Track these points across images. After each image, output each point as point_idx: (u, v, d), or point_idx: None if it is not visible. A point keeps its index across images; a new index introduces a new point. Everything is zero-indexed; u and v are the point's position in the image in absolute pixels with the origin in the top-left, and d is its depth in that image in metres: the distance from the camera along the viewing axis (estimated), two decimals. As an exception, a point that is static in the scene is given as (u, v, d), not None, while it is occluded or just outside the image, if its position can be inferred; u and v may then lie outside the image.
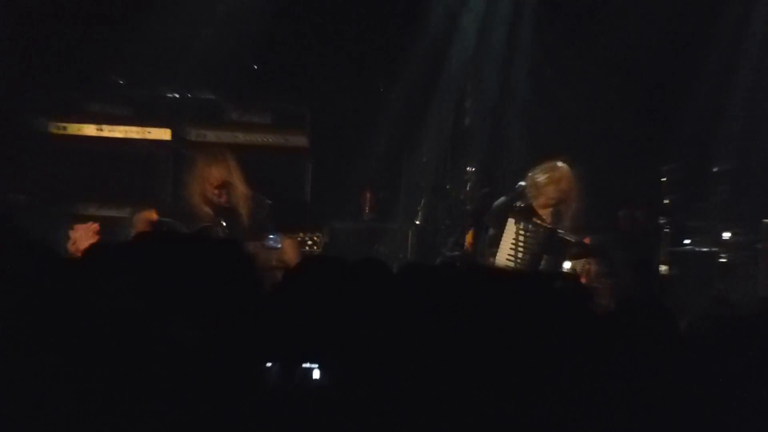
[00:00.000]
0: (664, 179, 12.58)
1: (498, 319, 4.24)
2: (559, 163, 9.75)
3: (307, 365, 4.10)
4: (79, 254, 8.09)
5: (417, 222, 13.05)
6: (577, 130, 12.00)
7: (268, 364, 4.12)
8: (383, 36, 13.48)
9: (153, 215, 9.99)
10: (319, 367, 4.09)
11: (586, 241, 9.77)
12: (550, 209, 9.65)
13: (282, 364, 4.10)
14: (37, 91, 12.82)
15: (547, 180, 9.69)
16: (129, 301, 4.08)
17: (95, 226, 9.31)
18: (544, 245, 9.55)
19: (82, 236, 8.74)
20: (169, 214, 10.15)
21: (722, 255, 12.43)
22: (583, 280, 9.15)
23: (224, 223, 9.94)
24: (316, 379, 4.07)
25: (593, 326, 4.53)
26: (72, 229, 9.13)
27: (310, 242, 9.84)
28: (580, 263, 9.54)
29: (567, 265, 9.57)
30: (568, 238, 9.58)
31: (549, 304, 4.53)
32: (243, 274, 4.34)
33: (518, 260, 9.62)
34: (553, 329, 4.28)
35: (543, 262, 9.50)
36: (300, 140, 12.94)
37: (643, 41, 12.90)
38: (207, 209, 9.98)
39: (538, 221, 9.70)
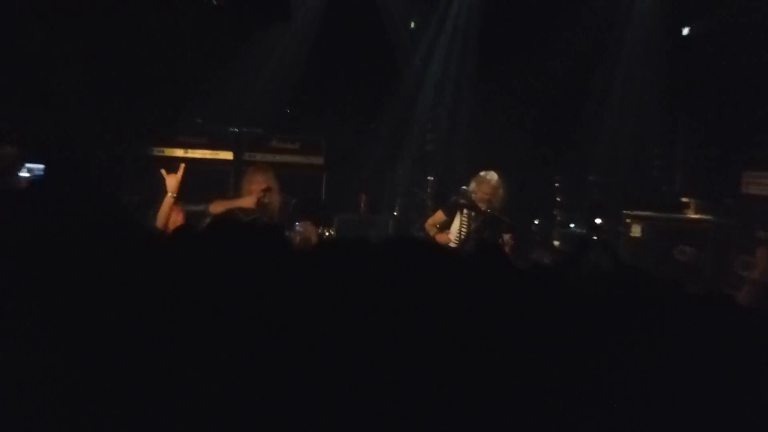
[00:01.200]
0: (557, 184, 12.55)
1: (448, 276, 4.23)
2: (490, 172, 9.78)
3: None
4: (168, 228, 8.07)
5: (395, 214, 13.02)
6: (500, 152, 11.95)
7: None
8: (374, 91, 13.52)
9: (222, 205, 9.95)
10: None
11: None
12: (485, 202, 9.64)
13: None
14: (146, 128, 12.83)
15: (482, 182, 9.71)
16: (210, 262, 4.05)
17: (180, 215, 9.23)
18: (484, 223, 9.57)
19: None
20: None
21: (594, 235, 12.38)
22: (507, 249, 9.23)
23: (266, 215, 9.92)
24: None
25: (512, 280, 4.50)
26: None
27: (327, 233, 10.05)
28: (506, 237, 9.57)
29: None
30: (499, 217, 9.61)
31: (482, 265, 4.60)
32: (281, 247, 4.36)
33: (463, 237, 9.65)
34: (484, 282, 4.28)
35: (483, 236, 9.53)
36: (318, 160, 12.91)
37: (542, 93, 12.90)
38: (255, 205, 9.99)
39: (478, 210, 9.71)
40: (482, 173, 9.85)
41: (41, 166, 11.41)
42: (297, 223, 9.76)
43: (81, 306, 3.69)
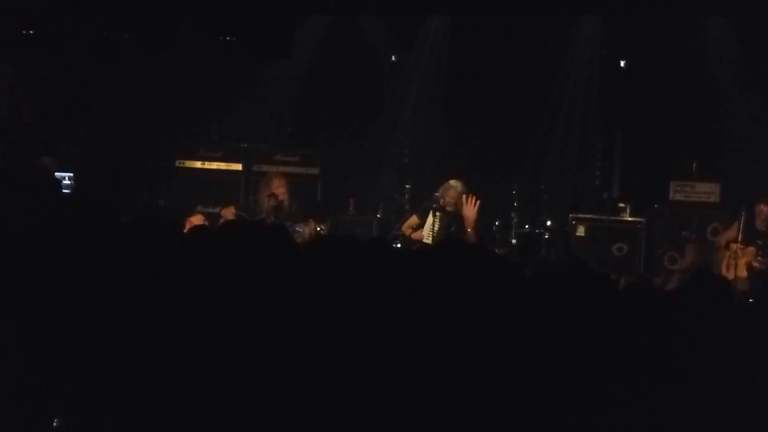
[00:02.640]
0: (514, 191, 12.59)
1: (423, 263, 4.41)
2: (456, 181, 9.86)
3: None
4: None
5: (378, 216, 12.99)
6: (465, 164, 12.01)
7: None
8: (361, 113, 13.47)
9: (233, 211, 9.98)
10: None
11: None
12: (452, 205, 9.71)
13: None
14: (170, 144, 12.87)
15: (449, 189, 9.81)
16: (219, 257, 4.09)
17: (200, 216, 9.27)
18: (451, 222, 9.64)
19: (192, 223, 8.71)
20: (242, 210, 10.15)
21: (546, 234, 12.43)
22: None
23: (272, 217, 9.94)
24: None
25: (475, 267, 4.51)
26: (187, 220, 9.13)
27: (319, 229, 10.17)
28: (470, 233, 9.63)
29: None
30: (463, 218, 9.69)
31: (449, 255, 4.55)
32: (284, 244, 4.42)
33: (435, 235, 9.71)
34: (452, 268, 4.32)
35: (451, 231, 9.59)
36: (314, 170, 12.87)
37: (501, 114, 12.96)
38: (262, 209, 10.03)
39: (446, 212, 9.78)
40: (450, 182, 9.93)
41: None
42: (296, 224, 9.80)
43: (119, 288, 3.75)
